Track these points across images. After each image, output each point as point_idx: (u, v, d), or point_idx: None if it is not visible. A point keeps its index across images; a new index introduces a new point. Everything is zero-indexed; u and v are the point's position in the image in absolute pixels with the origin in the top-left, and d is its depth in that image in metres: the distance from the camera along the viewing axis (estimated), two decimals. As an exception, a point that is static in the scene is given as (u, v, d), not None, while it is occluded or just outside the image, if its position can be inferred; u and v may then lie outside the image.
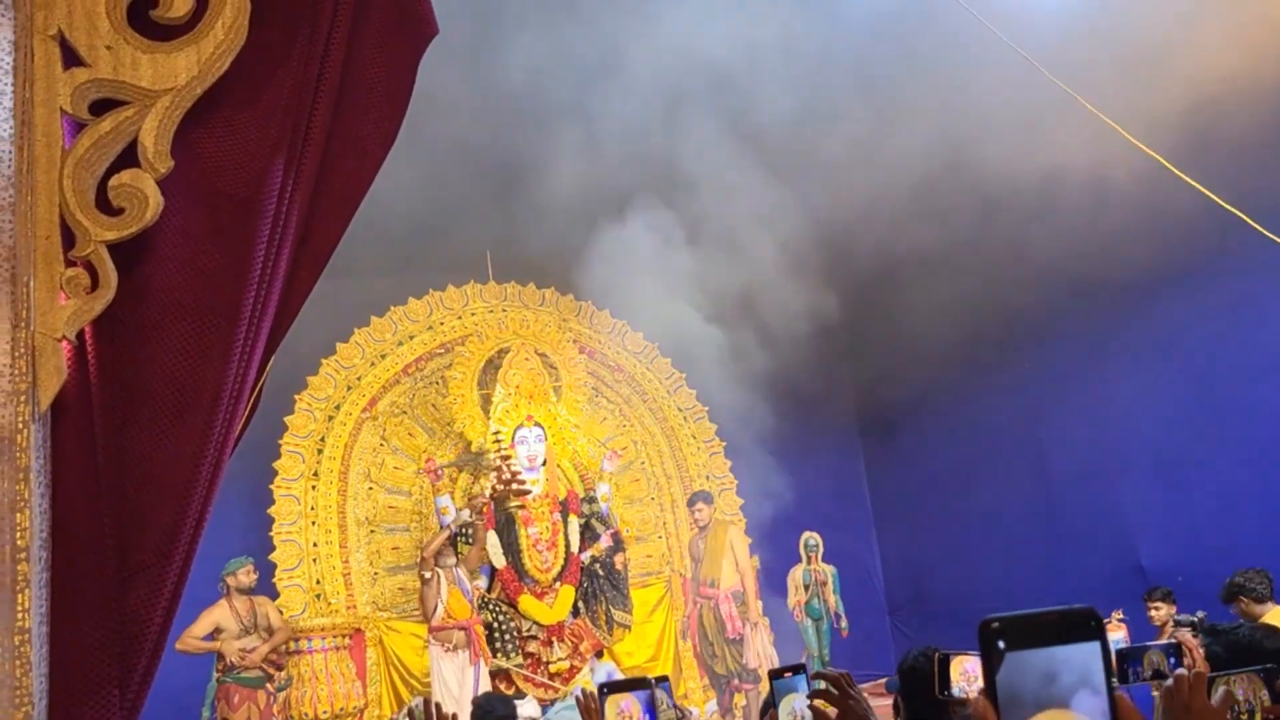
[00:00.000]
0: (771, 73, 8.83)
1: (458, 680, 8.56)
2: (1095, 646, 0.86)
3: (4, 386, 2.37)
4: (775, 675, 2.35)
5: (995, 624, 0.87)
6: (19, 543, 2.30)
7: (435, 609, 8.74)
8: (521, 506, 9.38)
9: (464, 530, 9.33)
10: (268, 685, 8.17)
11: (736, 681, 9.69)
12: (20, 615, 2.27)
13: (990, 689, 0.85)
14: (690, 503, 10.26)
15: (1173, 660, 2.48)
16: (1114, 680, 0.85)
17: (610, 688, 1.50)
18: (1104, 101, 6.50)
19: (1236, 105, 7.11)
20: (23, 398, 2.38)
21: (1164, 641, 2.53)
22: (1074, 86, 6.32)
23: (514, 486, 9.27)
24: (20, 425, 2.36)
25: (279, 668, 8.34)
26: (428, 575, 8.78)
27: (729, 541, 9.92)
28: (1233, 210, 5.74)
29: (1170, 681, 1.62)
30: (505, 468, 9.32)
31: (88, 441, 2.53)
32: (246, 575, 8.28)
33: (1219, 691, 1.69)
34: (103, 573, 2.50)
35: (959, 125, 8.39)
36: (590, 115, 9.19)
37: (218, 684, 8.04)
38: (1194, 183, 5.82)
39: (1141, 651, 2.52)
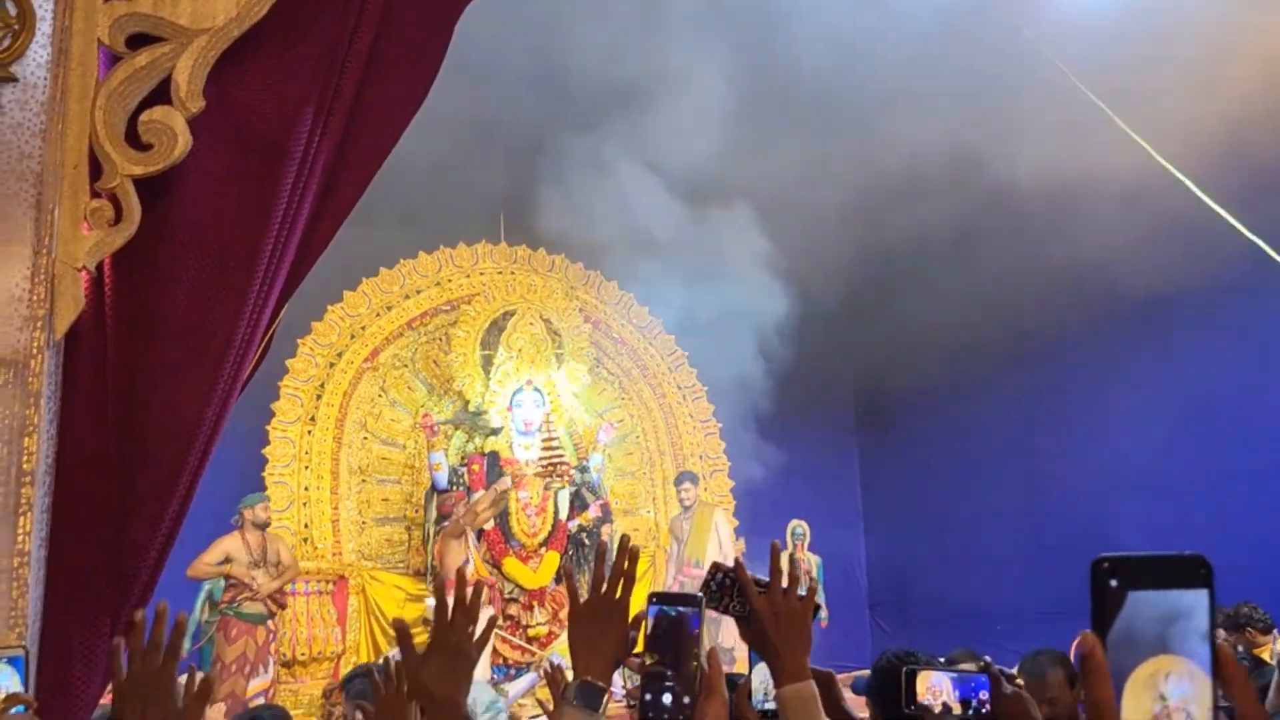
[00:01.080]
0: (806, 38, 8.72)
1: None
2: (1203, 594, 0.86)
3: (21, 311, 2.40)
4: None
5: (1106, 563, 0.87)
6: (25, 466, 2.34)
7: (465, 563, 8.78)
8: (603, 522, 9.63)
9: (455, 488, 9.40)
10: (269, 623, 8.24)
11: (712, 661, 9.76)
12: (20, 538, 2.30)
13: (1098, 627, 0.85)
14: (677, 482, 10.29)
15: None
16: (1218, 630, 0.84)
17: (659, 598, 1.51)
18: (1137, 116, 6.49)
19: (1269, 130, 7.09)
20: (39, 324, 2.41)
21: None
22: (1108, 98, 6.30)
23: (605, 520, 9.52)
24: (35, 351, 2.39)
25: (282, 606, 8.42)
26: (461, 532, 8.77)
27: (714, 523, 9.97)
28: (1252, 237, 5.74)
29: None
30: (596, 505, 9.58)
31: (99, 372, 2.56)
32: (264, 510, 8.38)
33: None
34: (105, 501, 2.54)
35: (986, 125, 8.36)
36: (616, 89, 9.16)
37: (220, 615, 8.11)
38: (1217, 206, 5.82)
39: None
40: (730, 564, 1.67)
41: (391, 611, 9.45)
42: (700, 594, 1.53)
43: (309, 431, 9.67)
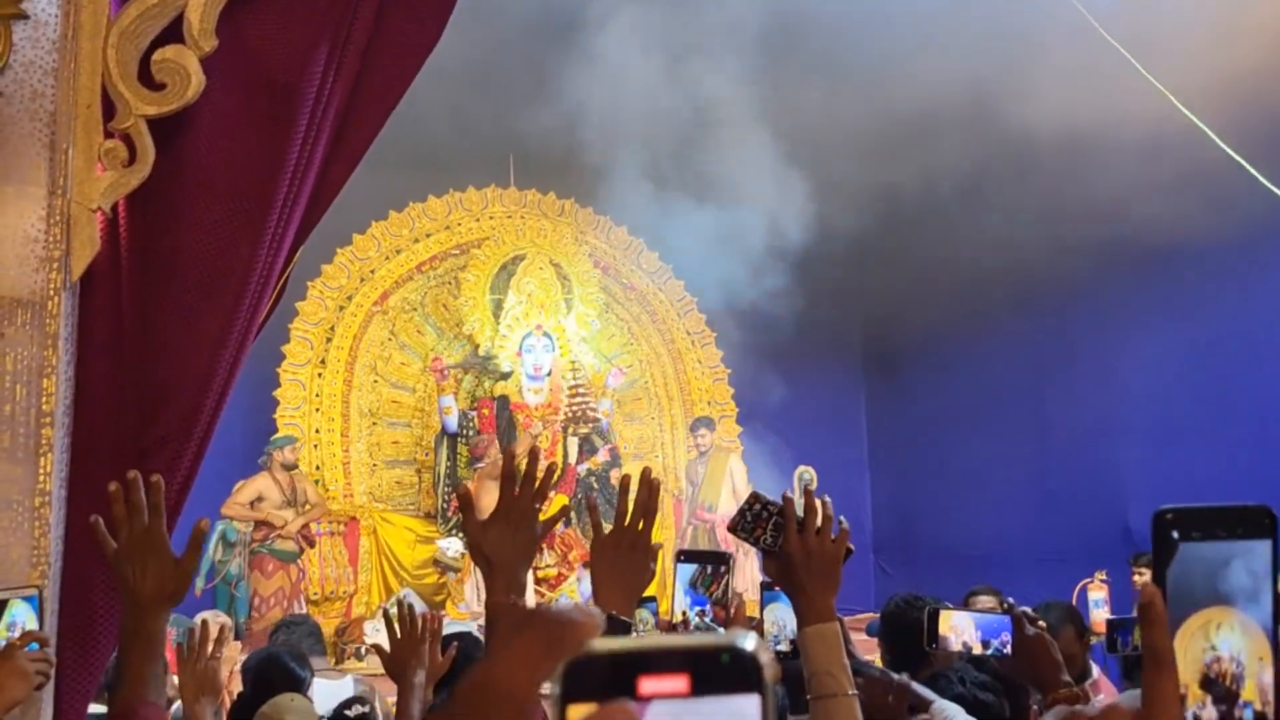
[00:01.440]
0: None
1: None
2: (1266, 545, 0.84)
3: (38, 252, 2.40)
4: (766, 589, 2.39)
5: (1169, 514, 0.86)
6: (44, 407, 2.35)
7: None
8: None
9: (464, 432, 9.46)
10: (299, 560, 8.48)
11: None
12: (42, 478, 2.32)
13: (1160, 579, 0.85)
14: (693, 427, 10.32)
15: None
16: None
17: (687, 555, 1.54)
18: (1156, 63, 6.40)
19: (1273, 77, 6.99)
20: (56, 265, 2.41)
21: None
22: (1128, 44, 6.21)
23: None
24: (51, 292, 2.39)
25: (311, 544, 8.65)
26: (498, 474, 8.93)
27: (729, 468, 10.02)
28: (1271, 186, 5.69)
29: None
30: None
31: (115, 314, 2.56)
32: (292, 452, 8.69)
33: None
34: (122, 443, 2.55)
35: (1000, 67, 8.24)
36: (622, 34, 9.05)
37: (252, 554, 8.30)
38: (1235, 154, 5.76)
39: (1133, 622, 2.50)
40: (774, 498, 1.69)
41: (401, 553, 9.56)
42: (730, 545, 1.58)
43: (319, 374, 9.71)
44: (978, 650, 2.23)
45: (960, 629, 2.23)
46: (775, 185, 10.03)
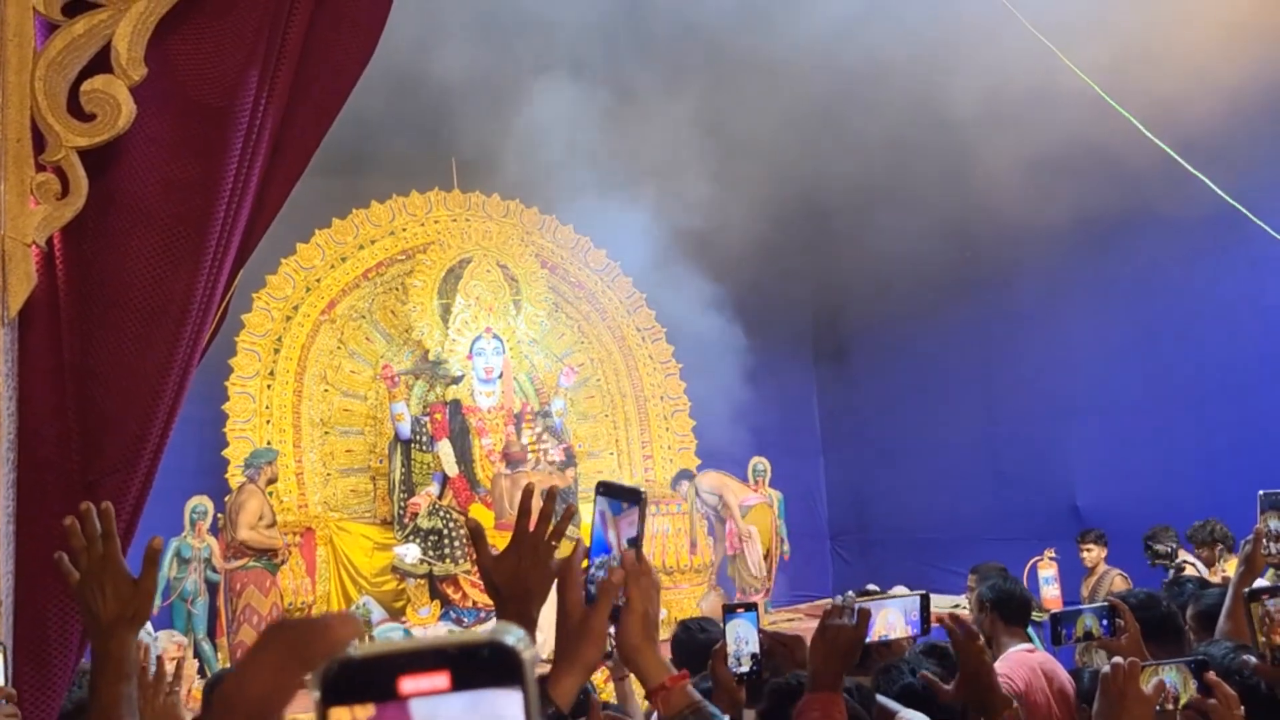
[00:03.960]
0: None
1: None
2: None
3: (-27, 289, 2.39)
4: (728, 610, 2.46)
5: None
6: (-13, 445, 2.34)
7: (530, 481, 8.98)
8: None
9: (418, 438, 9.44)
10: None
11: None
12: (-12, 515, 2.32)
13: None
14: (674, 484, 10.35)
15: (1105, 623, 2.56)
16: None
17: (605, 488, 1.53)
18: (1076, 46, 6.53)
19: (1217, 64, 7.16)
20: (-8, 301, 2.40)
21: (1097, 605, 2.62)
22: (1047, 28, 6.34)
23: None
24: (-11, 329, 2.39)
25: (284, 559, 8.66)
26: None
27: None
28: (1189, 168, 5.84)
29: (1107, 668, 1.74)
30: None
31: (55, 348, 2.55)
32: (271, 468, 8.56)
33: (1151, 681, 1.81)
34: (68, 475, 2.55)
35: (934, 59, 8.38)
36: (557, 30, 9.07)
37: (244, 568, 8.20)
38: (1156, 139, 5.91)
39: (1075, 615, 2.60)
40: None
41: (360, 561, 9.52)
42: (641, 490, 1.54)
43: (268, 386, 9.64)
44: (907, 636, 2.35)
45: (892, 625, 2.31)
46: (715, 177, 10.10)
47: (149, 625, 6.01)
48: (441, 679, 0.51)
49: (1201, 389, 8.47)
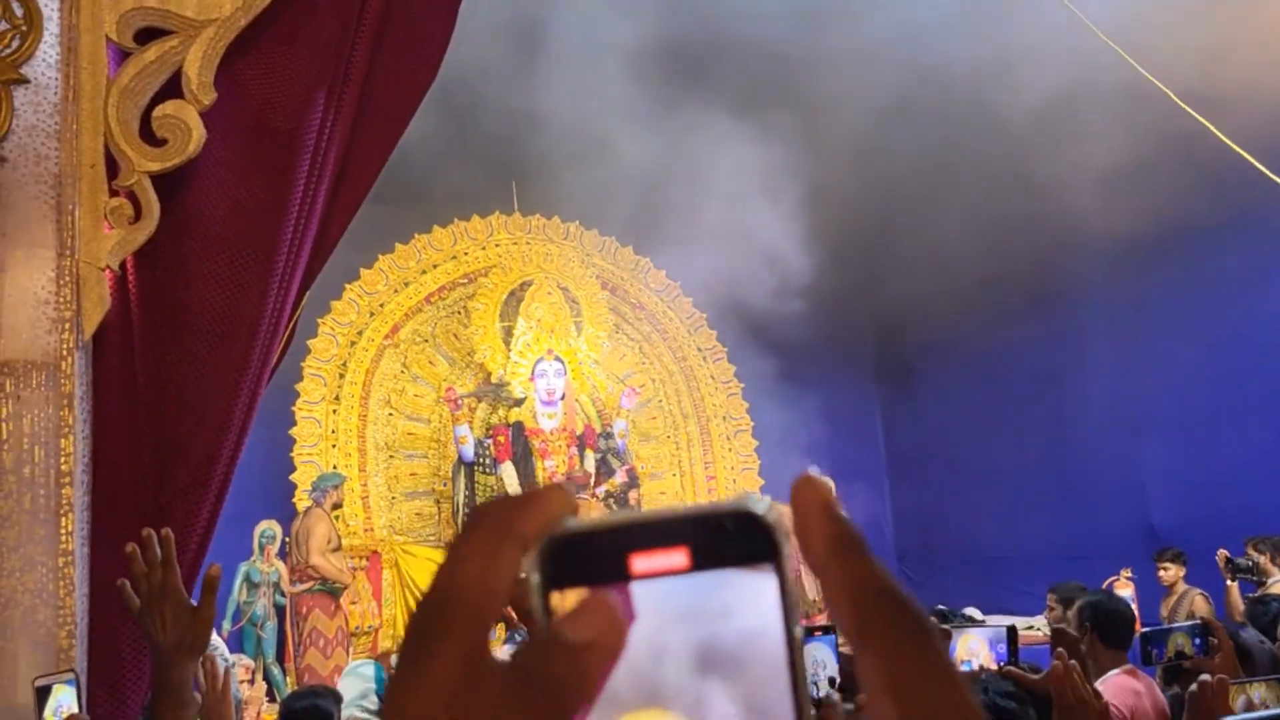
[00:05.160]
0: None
1: None
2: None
3: (49, 314, 2.42)
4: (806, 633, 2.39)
5: None
6: (63, 468, 2.36)
7: None
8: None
9: (481, 460, 9.47)
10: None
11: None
12: (64, 538, 2.33)
13: None
14: None
15: (1198, 642, 2.44)
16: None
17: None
18: (1151, 56, 6.39)
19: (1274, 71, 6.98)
20: (67, 325, 2.43)
21: (1189, 623, 2.50)
22: (1121, 38, 6.21)
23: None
24: (65, 352, 2.41)
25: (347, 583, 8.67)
26: None
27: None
28: (1269, 173, 5.67)
29: (1195, 686, 1.67)
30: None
31: (128, 370, 2.58)
32: (337, 493, 8.56)
33: (1239, 699, 1.74)
34: (141, 497, 2.57)
35: (1000, 67, 8.25)
36: (617, 54, 9.10)
37: (310, 591, 8.24)
38: (1233, 144, 5.75)
39: (1166, 634, 2.48)
40: None
41: (425, 584, 9.53)
42: None
43: (334, 410, 9.73)
44: (992, 668, 2.24)
45: (975, 650, 2.23)
46: (775, 197, 10.05)
47: (224, 647, 6.04)
48: (679, 556, 0.43)
49: (1277, 402, 8.20)
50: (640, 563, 0.43)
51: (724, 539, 0.43)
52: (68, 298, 2.43)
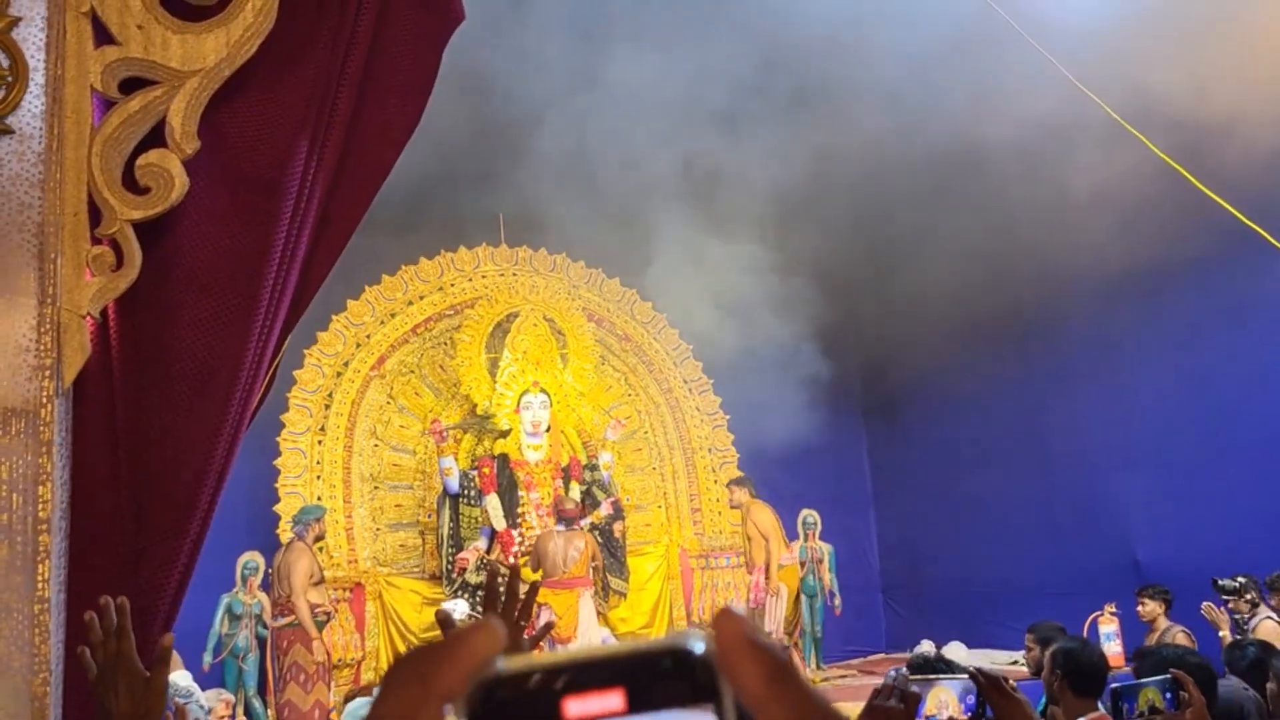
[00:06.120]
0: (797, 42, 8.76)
1: None
2: None
3: (30, 362, 2.43)
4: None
5: None
6: (40, 514, 2.37)
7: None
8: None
9: (466, 492, 9.46)
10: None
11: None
12: (40, 585, 2.34)
13: None
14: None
15: (1168, 697, 2.43)
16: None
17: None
18: (1123, 98, 6.48)
19: (1257, 110, 7.09)
20: (47, 373, 2.44)
21: (1160, 678, 2.49)
22: (1092, 82, 6.30)
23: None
24: (44, 400, 2.42)
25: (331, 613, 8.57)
26: None
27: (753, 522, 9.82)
28: (1241, 218, 5.75)
29: None
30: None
31: (108, 416, 2.59)
32: (319, 525, 8.45)
33: None
34: (120, 543, 2.58)
35: (978, 113, 8.36)
36: (609, 90, 9.18)
37: (290, 625, 8.14)
38: (1206, 189, 5.83)
39: (1138, 689, 2.48)
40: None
41: (409, 616, 9.53)
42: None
43: (319, 441, 9.73)
44: None
45: (943, 703, 2.25)
46: (762, 231, 10.13)
47: (199, 695, 5.99)
48: (615, 699, 0.42)
49: (1263, 439, 8.27)
50: (574, 706, 0.42)
51: (661, 678, 0.42)
52: (48, 345, 2.44)
